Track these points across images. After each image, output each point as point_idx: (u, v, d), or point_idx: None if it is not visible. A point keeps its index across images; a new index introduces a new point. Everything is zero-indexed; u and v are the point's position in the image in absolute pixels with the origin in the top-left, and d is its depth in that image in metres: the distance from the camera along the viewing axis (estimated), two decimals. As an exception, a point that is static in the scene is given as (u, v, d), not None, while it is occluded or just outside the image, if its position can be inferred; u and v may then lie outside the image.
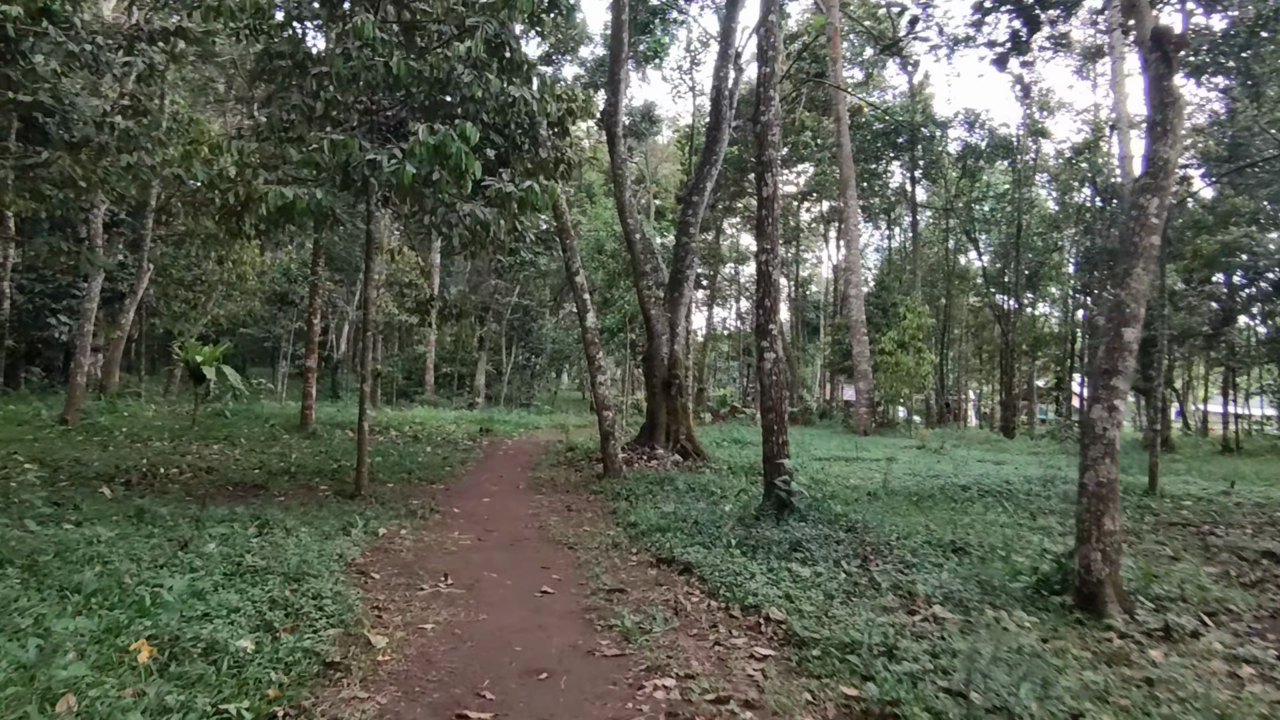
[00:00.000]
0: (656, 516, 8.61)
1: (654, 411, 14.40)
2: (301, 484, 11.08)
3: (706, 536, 7.30)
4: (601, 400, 12.16)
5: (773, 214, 8.45)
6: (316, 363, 16.61)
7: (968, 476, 13.77)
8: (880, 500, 10.83)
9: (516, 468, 14.14)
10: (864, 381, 26.49)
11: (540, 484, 12.31)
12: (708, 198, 14.86)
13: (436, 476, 12.47)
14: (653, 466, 13.20)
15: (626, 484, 11.57)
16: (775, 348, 8.34)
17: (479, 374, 35.36)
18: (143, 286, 18.27)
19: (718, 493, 10.95)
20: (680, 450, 14.06)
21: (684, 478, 11.89)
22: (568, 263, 12.07)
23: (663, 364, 14.31)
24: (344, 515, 8.40)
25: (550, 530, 8.55)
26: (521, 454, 16.27)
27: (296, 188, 7.82)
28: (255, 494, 10.08)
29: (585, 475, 12.98)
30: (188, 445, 13.84)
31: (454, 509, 9.99)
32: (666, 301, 14.58)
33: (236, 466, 11.95)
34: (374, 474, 12.10)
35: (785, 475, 8.09)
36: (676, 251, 14.86)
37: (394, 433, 18.12)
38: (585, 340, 12.24)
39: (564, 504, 10.67)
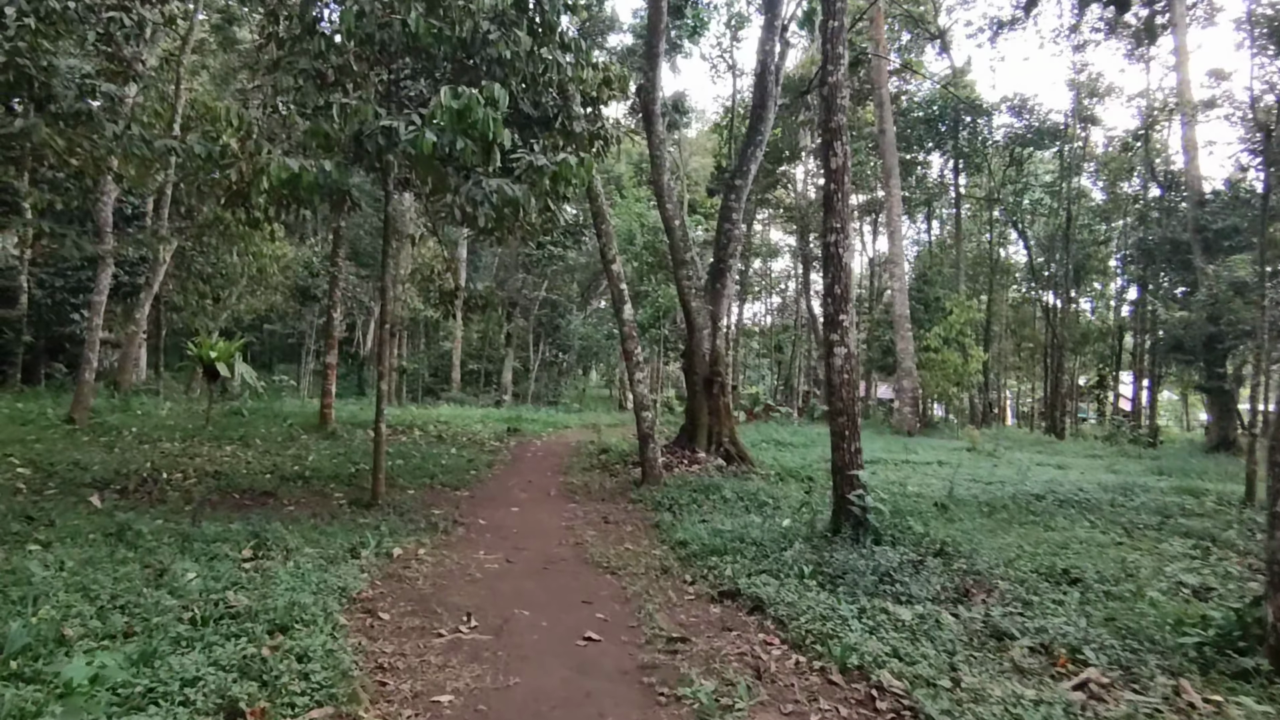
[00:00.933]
0: (708, 534, 7.56)
1: (694, 411, 13.35)
2: (314, 491, 10.18)
3: (772, 562, 6.23)
4: (639, 399, 11.14)
5: (842, 188, 7.35)
6: (337, 359, 15.77)
7: (1036, 484, 12.57)
8: (949, 511, 9.72)
9: (546, 472, 13.16)
10: (908, 379, 25.20)
11: (573, 491, 11.32)
12: (751, 181, 13.75)
13: (461, 481, 11.53)
14: (694, 472, 12.15)
15: (667, 492, 10.54)
16: (847, 341, 7.25)
17: (506, 371, 34.53)
18: (158, 279, 17.57)
19: (770, 503, 9.88)
20: (723, 454, 12.99)
21: (730, 485, 10.83)
22: (603, 249, 11.05)
23: (704, 360, 13.25)
24: (356, 530, 7.45)
25: (588, 548, 7.54)
26: (551, 456, 15.30)
27: (304, 160, 6.86)
28: (263, 502, 9.19)
29: (621, 481, 11.96)
30: (199, 447, 13.03)
31: (479, 520, 9.02)
32: (707, 293, 13.50)
33: (247, 471, 11.09)
34: (394, 479, 11.20)
35: (860, 489, 6.99)
36: (718, 239, 13.77)
37: (417, 432, 17.25)
38: (622, 334, 11.22)
39: (600, 514, 9.67)
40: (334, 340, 15.56)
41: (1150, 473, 16.50)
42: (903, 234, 26.24)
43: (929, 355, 25.03)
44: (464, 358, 38.24)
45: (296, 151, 7.64)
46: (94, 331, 13.68)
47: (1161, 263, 26.57)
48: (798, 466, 13.80)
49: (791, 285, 56.36)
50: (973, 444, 22.25)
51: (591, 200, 11.05)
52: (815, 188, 44.06)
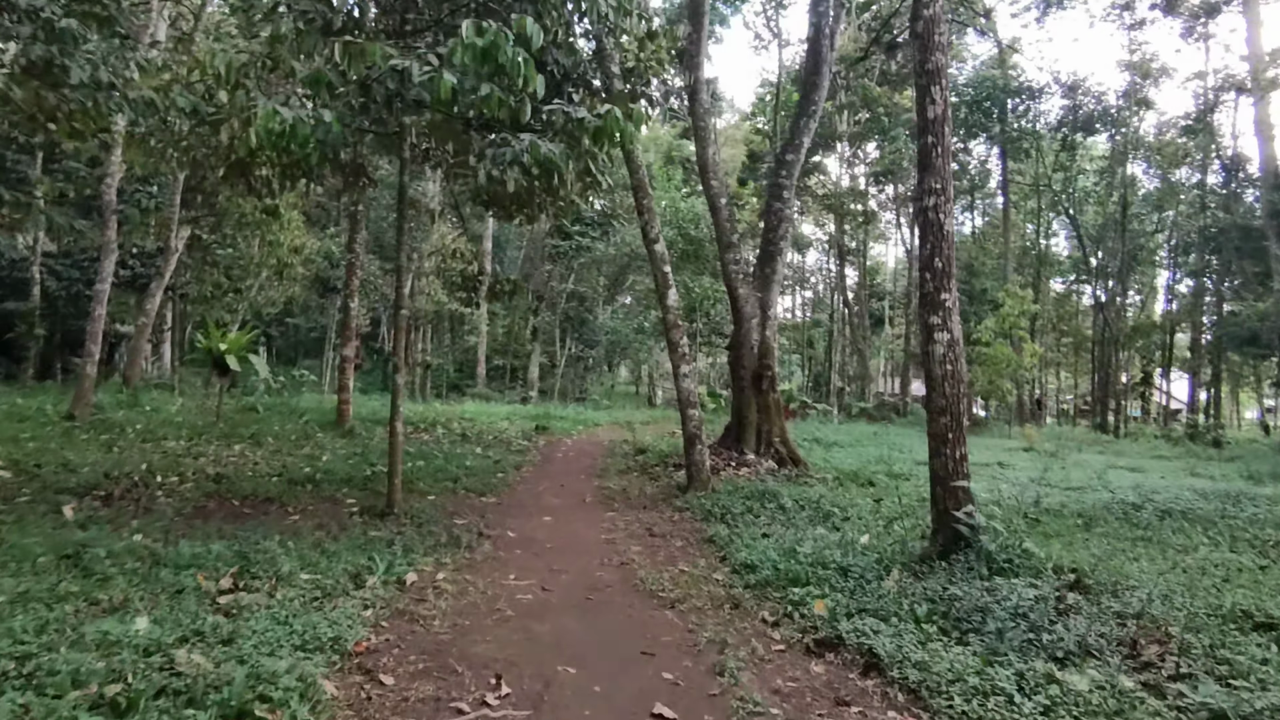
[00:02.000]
0: (777, 554, 6.37)
1: (741, 409, 12.13)
2: (324, 496, 9.12)
3: (871, 596, 5.03)
4: (685, 396, 9.95)
5: (942, 141, 6.12)
6: (355, 352, 14.76)
7: (1123, 490, 11.25)
8: (1041, 525, 8.45)
9: (580, 475, 12.02)
10: (957, 375, 23.73)
11: (610, 497, 10.17)
12: (804, 155, 12.50)
13: (487, 486, 10.43)
14: (744, 475, 10.96)
15: (717, 499, 9.36)
16: (950, 325, 6.01)
17: (532, 366, 33.51)
18: (169, 268, 16.69)
19: (837, 514, 8.66)
20: (774, 455, 11.78)
21: (788, 491, 9.62)
22: (644, 228, 9.87)
23: (752, 352, 12.03)
24: (365, 547, 6.37)
25: (636, 570, 6.38)
26: (584, 456, 14.17)
27: (299, 109, 5.75)
28: (263, 511, 8.15)
29: (664, 486, 10.79)
30: (205, 446, 12.07)
31: (508, 531, 7.91)
32: (756, 279, 12.29)
33: (253, 473, 10.07)
34: (413, 482, 10.13)
35: (969, 505, 5.76)
36: (767, 220, 12.54)
37: (440, 430, 16.20)
38: (666, 322, 10.03)
39: (644, 525, 8.51)
40: (351, 332, 14.54)
41: (1238, 476, 15.01)
42: (951, 221, 24.71)
43: (980, 350, 23.55)
44: (489, 353, 37.30)
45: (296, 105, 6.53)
46: (96, 322, 12.78)
47: (1231, 251, 24.83)
48: (854, 469, 12.56)
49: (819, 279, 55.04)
50: (1029, 443, 20.82)
51: (632, 172, 9.86)
52: (850, 176, 42.62)
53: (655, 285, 10.02)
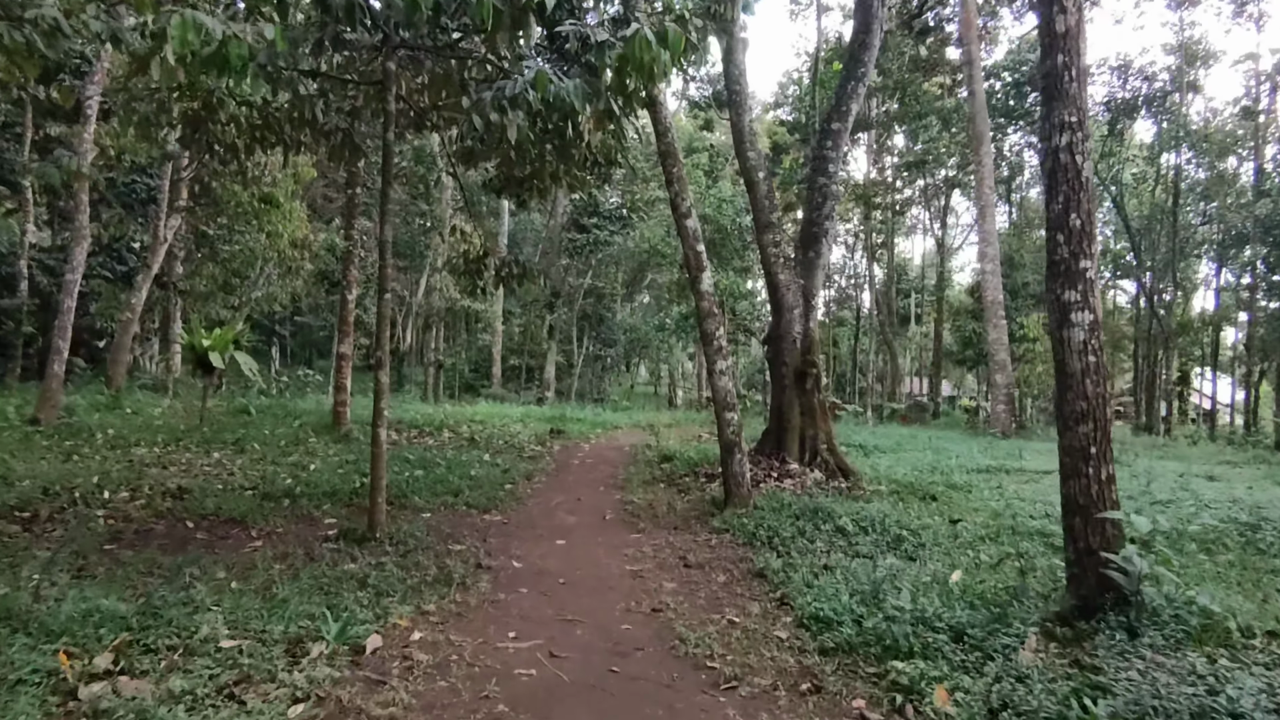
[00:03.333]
0: (852, 598, 4.93)
1: (782, 411, 10.67)
2: (300, 515, 7.78)
3: (1008, 678, 3.56)
4: (722, 396, 8.50)
5: (1076, 62, 4.65)
6: (352, 349, 13.45)
7: (1219, 505, 9.74)
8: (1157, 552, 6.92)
9: (599, 486, 10.62)
10: (1001, 374, 22.10)
11: (635, 514, 8.75)
12: (852, 123, 11.02)
13: (492, 500, 9.04)
14: (788, 488, 9.50)
15: (761, 518, 7.91)
16: (1092, 302, 4.55)
17: (548, 366, 32.17)
18: (157, 260, 15.48)
19: (908, 537, 7.20)
20: (820, 464, 10.30)
21: (843, 508, 8.15)
22: (674, 200, 8.43)
23: (794, 347, 10.57)
24: (328, 589, 5.01)
25: (672, 621, 4.96)
26: (603, 463, 12.76)
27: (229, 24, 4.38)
28: (221, 535, 6.82)
29: (696, 501, 9.35)
30: (181, 453, 10.80)
31: (513, 561, 6.51)
32: (797, 264, 10.82)
33: (224, 486, 8.75)
34: (406, 496, 8.78)
35: (1125, 542, 4.30)
36: (810, 197, 11.07)
37: (447, 434, 14.87)
38: (700, 310, 8.57)
39: (676, 552, 7.09)
40: (349, 327, 13.23)
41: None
42: (993, 210, 23.07)
43: (1025, 346, 21.89)
44: (505, 353, 36.05)
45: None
46: (65, 316, 11.55)
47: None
48: (909, 479, 11.07)
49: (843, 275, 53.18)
50: (1087, 448, 19.16)
51: (659, 134, 8.43)
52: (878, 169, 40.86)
53: (686, 267, 8.58)
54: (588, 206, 29.78)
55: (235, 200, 17.58)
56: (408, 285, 33.86)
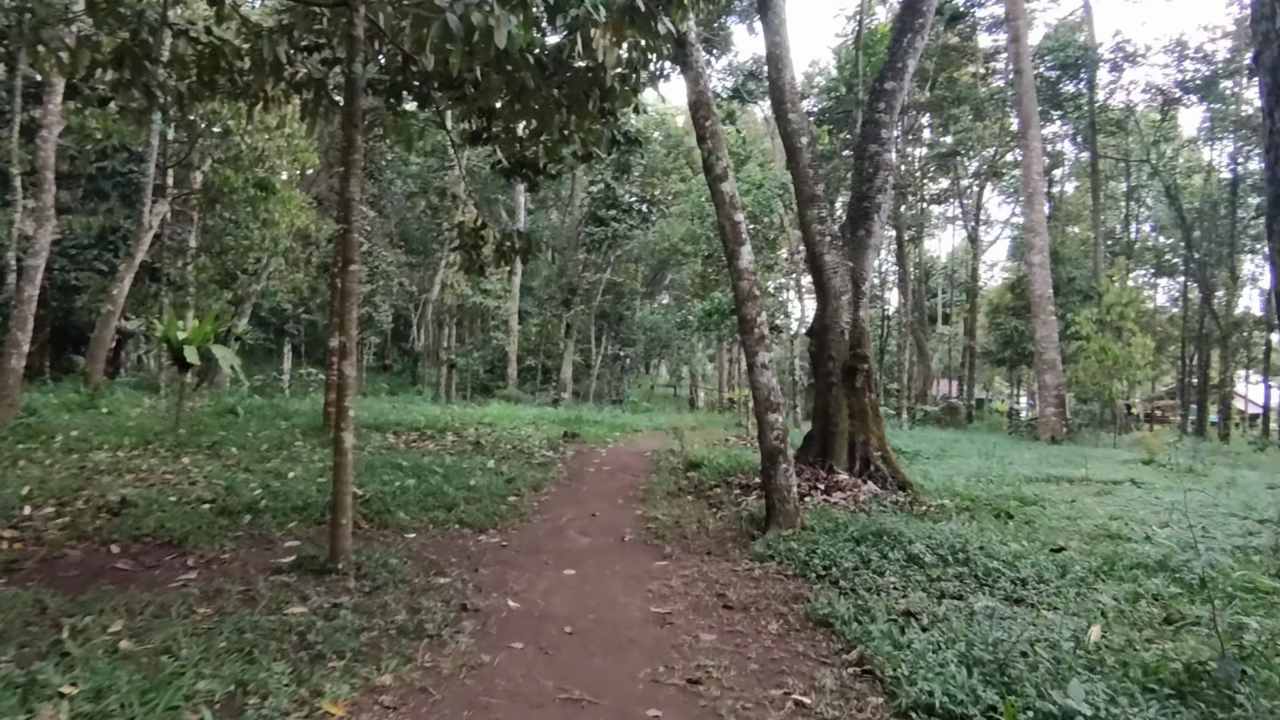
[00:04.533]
0: (965, 672, 3.53)
1: (828, 413, 9.23)
2: (257, 536, 6.48)
3: None
4: (764, 394, 7.10)
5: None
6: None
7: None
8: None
9: (617, 499, 9.25)
10: (1051, 374, 20.49)
11: (659, 534, 7.36)
12: (909, 82, 9.60)
13: (490, 516, 7.70)
14: (838, 502, 8.08)
15: (814, 543, 6.51)
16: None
17: (565, 366, 30.87)
18: (141, 249, 14.32)
19: (1001, 570, 5.77)
20: (874, 474, 8.87)
21: (911, 529, 6.73)
22: (708, 160, 7.05)
23: (842, 339, 9.16)
24: (249, 651, 3.68)
25: (716, 705, 3.59)
26: (621, 471, 11.40)
27: None
28: (151, 563, 5.54)
29: (731, 518, 7.94)
30: (147, 458, 9.56)
31: (507, 601, 5.17)
32: (846, 244, 9.41)
33: (180, 497, 7.47)
34: (388, 513, 7.46)
35: None
36: (860, 168, 9.64)
37: (450, 438, 13.56)
38: (737, 292, 7.15)
39: (712, 587, 5.72)
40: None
41: None
42: (1042, 198, 21.45)
43: (1079, 344, 20.27)
44: (521, 353, 34.82)
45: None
46: (25, 305, 10.38)
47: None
48: (971, 491, 9.64)
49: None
50: (1150, 455, 17.52)
51: (690, 82, 7.05)
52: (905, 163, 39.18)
53: (722, 239, 7.18)
54: (606, 198, 28.48)
55: (229, 185, 16.42)
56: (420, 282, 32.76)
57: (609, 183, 29.06)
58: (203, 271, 16.74)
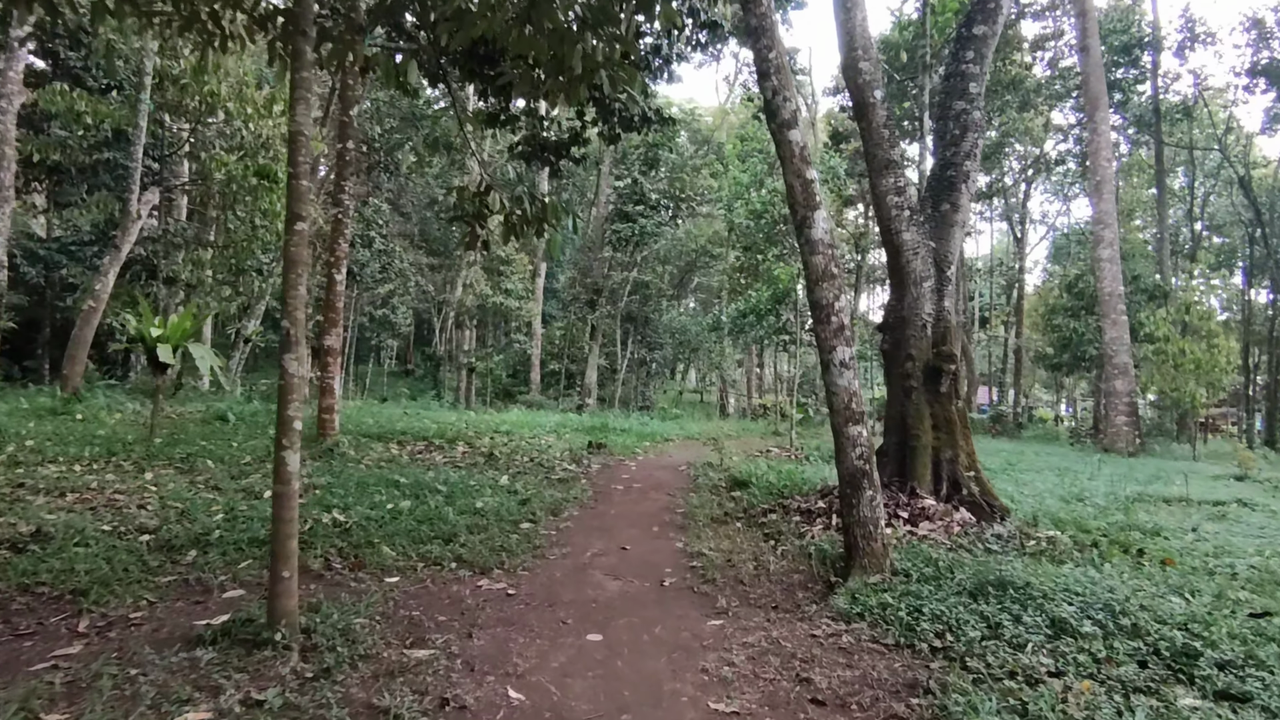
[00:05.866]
0: None
1: (907, 422, 7.63)
2: (193, 579, 5.06)
3: None
4: (845, 400, 5.53)
5: None
6: (340, 341, 10.81)
7: None
8: None
9: (651, 526, 7.72)
10: (1122, 379, 18.63)
11: (709, 577, 5.81)
12: (1001, 26, 8.00)
13: (496, 552, 6.21)
14: (928, 535, 6.50)
15: (914, 595, 4.95)
16: None
17: (590, 370, 29.43)
18: (128, 241, 13.08)
19: (1192, 645, 4.15)
20: (964, 499, 7.26)
21: (1034, 575, 5.13)
22: (771, 102, 5.52)
23: (923, 334, 7.57)
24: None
25: None
26: (654, 489, 9.87)
27: None
28: (26, 628, 4.12)
29: (795, 554, 6.36)
30: (104, 473, 8.23)
31: (506, 690, 3.71)
32: (928, 221, 7.82)
33: (115, 527, 6.07)
34: (370, 546, 6.00)
35: None
36: (945, 130, 8.04)
37: (461, 448, 12.13)
38: (809, 270, 5.57)
39: (789, 665, 4.17)
40: (336, 314, 10.59)
41: None
42: (1112, 186, 19.60)
43: (1157, 346, 18.40)
44: (545, 357, 33.48)
45: None
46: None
47: None
48: (1072, 516, 8.01)
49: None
50: (1244, 470, 15.63)
51: (746, 4, 5.55)
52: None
53: (790, 204, 5.63)
54: (633, 194, 27.03)
55: (226, 172, 15.17)
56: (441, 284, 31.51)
57: (636, 178, 27.62)
58: (201, 267, 15.50)
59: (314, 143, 16.94)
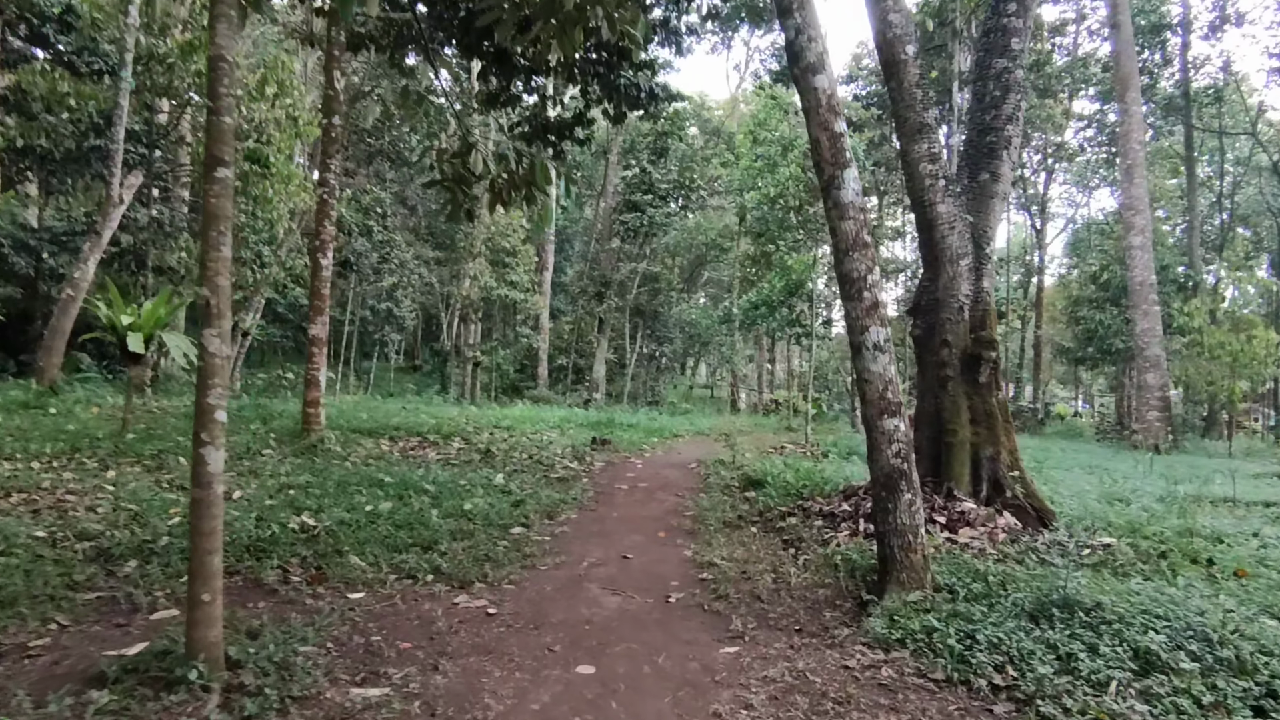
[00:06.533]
0: None
1: (940, 417, 6.85)
2: (121, 597, 4.37)
3: None
4: (879, 388, 4.77)
5: None
6: (327, 330, 10.12)
7: None
8: None
9: (656, 530, 6.98)
10: (1154, 373, 17.74)
11: (722, 592, 5.06)
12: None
13: (480, 562, 5.49)
14: (969, 543, 5.73)
15: (962, 616, 4.20)
16: None
17: (598, 364, 28.71)
18: (109, 225, 12.44)
19: (1276, 665, 3.39)
20: (1009, 501, 6.48)
21: (1103, 594, 4.36)
22: (795, 47, 4.74)
23: (959, 317, 6.80)
24: None
25: None
26: (661, 489, 9.12)
27: None
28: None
29: (819, 564, 5.60)
30: (63, 470, 7.57)
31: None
32: (964, 192, 7.04)
33: (51, 534, 5.39)
34: (337, 554, 5.30)
35: None
36: (984, 92, 7.25)
37: (457, 445, 11.42)
38: (836, 238, 4.79)
39: (818, 706, 3.43)
40: (322, 301, 9.90)
41: None
42: (1144, 170, 18.68)
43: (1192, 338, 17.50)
44: (553, 351, 32.76)
45: None
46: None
47: None
48: (1123, 519, 7.22)
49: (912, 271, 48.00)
50: (1300, 470, 14.74)
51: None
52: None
53: (816, 163, 4.86)
54: (641, 183, 26.26)
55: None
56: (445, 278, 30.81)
57: (645, 167, 26.86)
58: (192, 256, 14.82)
59: (307, 128, 16.30)
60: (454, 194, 5.38)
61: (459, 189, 5.32)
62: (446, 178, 5.26)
